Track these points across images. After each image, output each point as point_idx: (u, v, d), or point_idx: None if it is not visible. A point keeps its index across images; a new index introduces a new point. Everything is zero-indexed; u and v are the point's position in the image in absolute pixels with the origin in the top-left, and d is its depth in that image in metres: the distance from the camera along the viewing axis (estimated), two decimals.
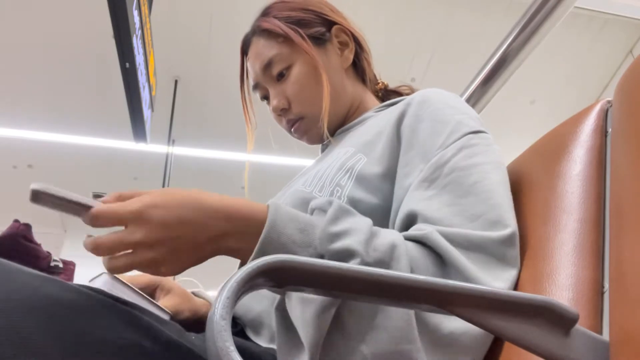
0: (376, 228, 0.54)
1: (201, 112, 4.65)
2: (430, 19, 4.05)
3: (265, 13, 0.85)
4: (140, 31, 2.38)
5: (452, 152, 0.62)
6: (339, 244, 0.49)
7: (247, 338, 0.66)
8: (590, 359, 0.38)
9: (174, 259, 0.49)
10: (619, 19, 4.09)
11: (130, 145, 4.37)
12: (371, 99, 0.89)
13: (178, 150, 4.80)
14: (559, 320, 0.37)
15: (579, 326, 0.38)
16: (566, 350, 0.37)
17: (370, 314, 0.48)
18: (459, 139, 0.63)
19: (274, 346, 0.60)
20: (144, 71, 2.57)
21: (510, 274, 0.52)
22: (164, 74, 3.80)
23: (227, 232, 0.51)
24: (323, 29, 0.84)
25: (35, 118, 4.48)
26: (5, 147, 4.79)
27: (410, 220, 0.60)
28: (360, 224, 0.52)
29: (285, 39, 0.81)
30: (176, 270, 0.50)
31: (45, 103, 4.37)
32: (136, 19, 2.27)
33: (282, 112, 0.83)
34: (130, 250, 0.48)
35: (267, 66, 0.82)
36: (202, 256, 0.51)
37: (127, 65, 2.30)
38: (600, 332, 0.43)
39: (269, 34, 0.82)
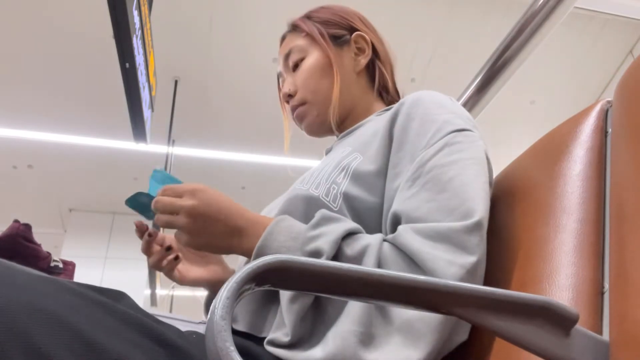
0: (360, 235, 0.61)
1: (201, 112, 4.65)
2: (430, 19, 4.05)
3: (305, 15, 0.94)
4: (140, 31, 2.38)
5: (434, 150, 0.64)
6: (311, 245, 0.59)
7: (249, 338, 0.66)
8: (590, 359, 0.38)
9: (198, 234, 0.64)
10: (619, 19, 4.09)
11: (130, 145, 4.38)
12: (380, 107, 0.90)
13: (178, 150, 4.80)
14: (559, 320, 0.37)
15: (579, 326, 0.38)
16: (566, 351, 0.37)
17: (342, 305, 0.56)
18: (442, 137, 0.65)
19: (249, 331, 0.65)
20: (144, 71, 2.57)
21: (467, 260, 0.54)
22: (164, 74, 3.80)
23: (241, 229, 0.64)
24: (344, 32, 0.91)
25: (35, 118, 4.48)
26: (5, 147, 4.79)
27: (395, 220, 0.63)
28: (337, 228, 0.59)
29: (307, 34, 0.89)
30: (193, 244, 0.65)
31: (45, 103, 4.37)
32: (136, 19, 2.27)
33: (288, 97, 0.90)
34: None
35: (287, 56, 0.91)
36: (216, 243, 0.65)
37: (127, 65, 2.30)
38: (600, 332, 0.43)
39: (295, 28, 0.92)
